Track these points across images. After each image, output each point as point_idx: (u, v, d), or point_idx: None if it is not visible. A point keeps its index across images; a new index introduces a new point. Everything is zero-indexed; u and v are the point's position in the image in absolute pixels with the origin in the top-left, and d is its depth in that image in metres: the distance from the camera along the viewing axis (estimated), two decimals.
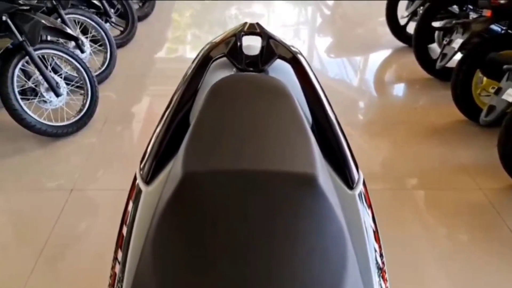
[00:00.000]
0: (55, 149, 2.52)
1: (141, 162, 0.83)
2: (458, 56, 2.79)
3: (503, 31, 2.71)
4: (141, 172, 0.80)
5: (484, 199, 2.15)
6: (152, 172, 0.79)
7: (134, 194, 0.79)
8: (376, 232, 0.78)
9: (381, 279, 0.73)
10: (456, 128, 2.78)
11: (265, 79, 0.88)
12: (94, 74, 2.80)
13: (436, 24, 3.39)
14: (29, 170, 2.33)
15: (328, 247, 0.63)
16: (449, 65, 2.88)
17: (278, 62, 0.96)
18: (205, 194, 0.64)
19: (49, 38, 2.74)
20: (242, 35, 0.96)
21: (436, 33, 3.46)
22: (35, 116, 2.41)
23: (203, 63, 0.92)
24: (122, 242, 0.75)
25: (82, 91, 2.68)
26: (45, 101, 2.50)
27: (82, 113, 2.63)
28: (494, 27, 2.86)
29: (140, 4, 4.78)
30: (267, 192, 0.65)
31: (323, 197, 0.66)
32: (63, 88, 2.56)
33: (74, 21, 3.18)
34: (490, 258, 1.82)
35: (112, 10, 3.88)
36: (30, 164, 2.38)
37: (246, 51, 0.95)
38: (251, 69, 0.94)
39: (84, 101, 2.66)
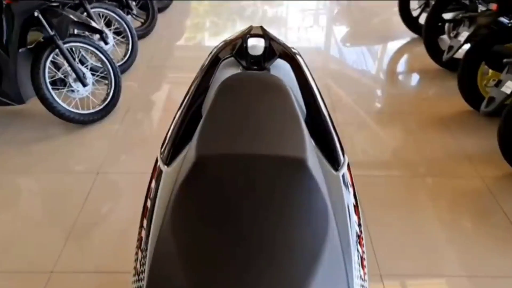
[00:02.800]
0: (81, 135, 2.71)
1: (161, 147, 0.99)
2: (467, 47, 2.88)
3: (509, 24, 2.78)
4: (162, 156, 0.96)
5: (484, 186, 2.26)
6: (171, 155, 0.94)
7: (156, 173, 0.95)
8: (356, 207, 0.92)
9: (358, 244, 0.88)
10: (461, 118, 2.88)
11: (266, 77, 1.03)
12: (117, 64, 2.97)
13: (446, 16, 3.46)
14: (59, 154, 2.53)
15: (313, 217, 0.78)
16: (458, 57, 2.97)
17: (279, 61, 1.10)
18: (214, 173, 0.80)
19: (75, 31, 2.92)
20: (248, 38, 1.10)
21: (446, 25, 3.53)
22: (64, 105, 2.60)
23: (214, 62, 1.07)
24: (146, 213, 0.91)
25: (106, 81, 2.86)
26: (73, 91, 2.69)
27: (106, 102, 2.81)
28: (504, 19, 2.93)
29: None
30: (264, 172, 0.79)
31: (311, 177, 0.80)
32: (89, 78, 2.75)
33: (99, 14, 3.36)
34: (486, 241, 1.94)
35: (134, 3, 4.04)
36: (59, 149, 2.58)
37: (250, 51, 1.10)
38: (255, 67, 1.09)
39: (108, 90, 2.84)
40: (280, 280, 0.66)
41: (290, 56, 1.09)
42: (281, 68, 1.11)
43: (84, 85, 2.71)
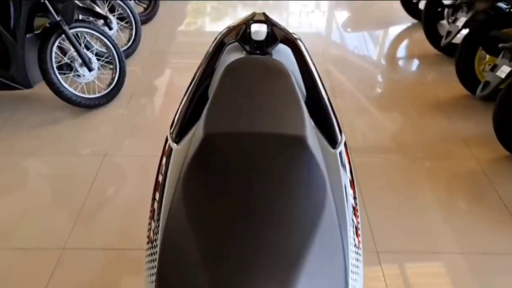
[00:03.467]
0: (87, 119, 2.78)
1: (171, 127, 1.06)
2: (465, 32, 2.92)
3: (507, 10, 2.83)
4: (171, 135, 1.03)
5: (478, 168, 2.34)
6: (180, 134, 1.01)
7: (167, 151, 1.02)
8: (352, 182, 1.00)
9: (353, 216, 0.95)
10: (458, 102, 2.94)
11: (268, 61, 1.09)
12: (121, 50, 3.02)
13: (446, 1, 3.49)
14: (66, 138, 2.60)
15: (312, 189, 0.85)
16: (457, 42, 3.01)
17: (281, 46, 1.16)
18: (221, 150, 0.86)
19: (80, 17, 2.97)
20: (251, 23, 1.16)
21: (446, 10, 3.56)
22: (71, 89, 2.67)
23: (219, 47, 1.13)
24: (158, 187, 0.99)
25: (111, 66, 2.92)
26: (79, 75, 2.75)
27: (111, 86, 2.87)
28: (502, 5, 2.97)
29: None
30: (267, 149, 0.86)
31: (310, 154, 0.87)
32: (95, 63, 2.81)
33: (103, 0, 3.40)
34: (479, 220, 2.02)
35: None
36: (67, 132, 2.65)
37: (253, 37, 1.16)
38: (258, 52, 1.15)
39: (113, 75, 2.90)
40: (281, 244, 0.73)
41: (291, 41, 1.15)
42: (282, 53, 1.17)
43: (90, 69, 2.77)
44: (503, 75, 2.16)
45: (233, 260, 0.71)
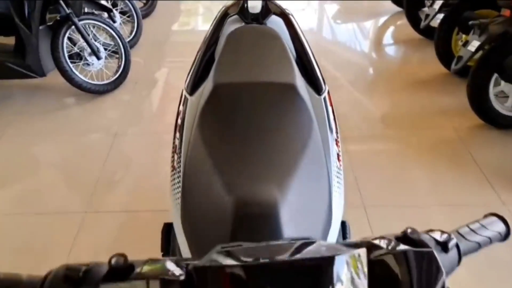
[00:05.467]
0: (97, 104, 3.00)
1: (185, 82, 1.29)
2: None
3: None
4: (186, 88, 1.26)
5: (456, 135, 2.59)
6: (193, 87, 1.25)
7: (183, 100, 1.25)
8: (334, 120, 1.23)
9: (336, 145, 1.19)
10: (439, 80, 3.20)
11: (263, 28, 1.33)
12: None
13: None
14: (79, 120, 2.82)
15: (301, 123, 1.08)
16: (436, 26, 3.26)
17: (274, 18, 1.40)
18: (227, 96, 1.10)
19: (86, 9, 3.19)
20: None
21: None
22: (82, 76, 2.89)
23: (222, 19, 1.37)
24: (178, 128, 1.22)
25: (117, 55, 3.14)
26: (88, 64, 2.98)
27: (118, 74, 3.10)
28: None
29: None
30: (264, 94, 1.09)
31: (299, 97, 1.10)
32: (103, 52, 3.03)
33: None
34: (456, 177, 2.28)
35: None
36: (78, 115, 2.88)
37: (251, 10, 1.40)
38: (254, 22, 1.39)
39: (120, 63, 3.13)
40: (277, 159, 0.95)
41: (283, 13, 1.39)
42: (275, 23, 1.41)
43: (98, 58, 2.99)
44: (473, 49, 2.41)
45: (241, 169, 0.93)
